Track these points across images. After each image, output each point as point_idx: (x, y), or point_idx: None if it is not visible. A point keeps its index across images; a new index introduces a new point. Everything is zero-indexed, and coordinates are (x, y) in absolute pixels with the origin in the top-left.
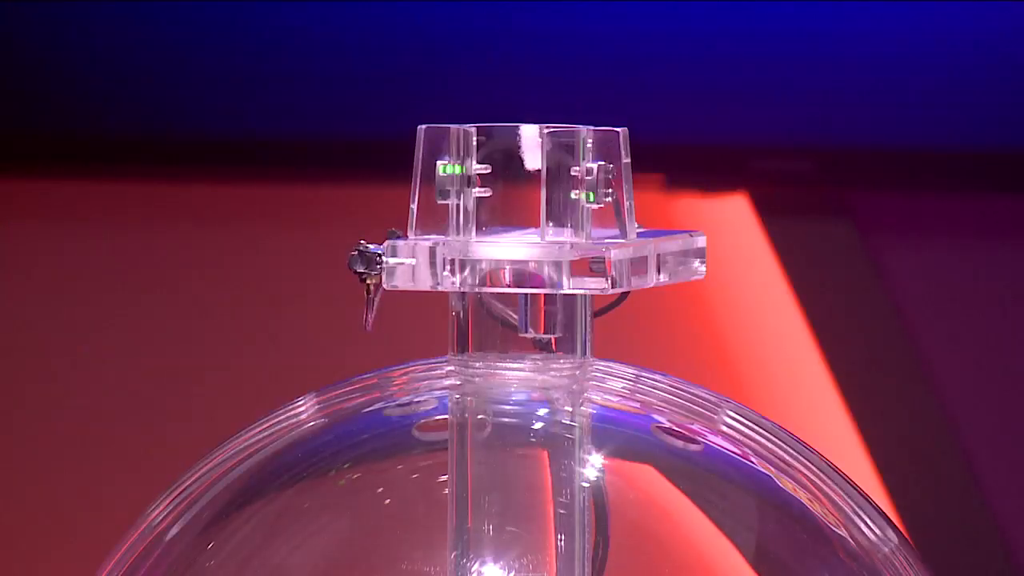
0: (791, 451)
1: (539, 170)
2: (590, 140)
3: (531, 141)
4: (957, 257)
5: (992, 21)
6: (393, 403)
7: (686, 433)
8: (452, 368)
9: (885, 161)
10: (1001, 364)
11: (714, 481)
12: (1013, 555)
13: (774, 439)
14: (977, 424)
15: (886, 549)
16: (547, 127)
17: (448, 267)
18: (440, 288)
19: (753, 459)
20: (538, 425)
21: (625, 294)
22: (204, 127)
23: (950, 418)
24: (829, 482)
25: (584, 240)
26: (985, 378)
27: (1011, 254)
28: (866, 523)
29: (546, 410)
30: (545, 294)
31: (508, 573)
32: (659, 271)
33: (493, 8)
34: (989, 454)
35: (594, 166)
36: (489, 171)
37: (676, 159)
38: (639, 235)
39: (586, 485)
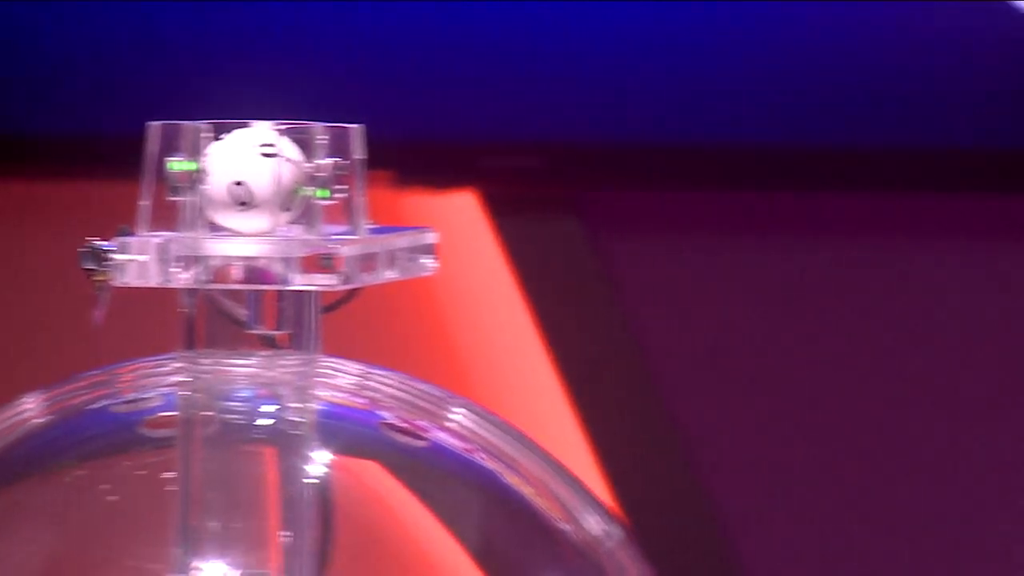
0: (517, 447)
1: None
2: (324, 137)
3: (265, 137)
4: (687, 252)
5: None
6: (120, 400)
7: (413, 429)
8: (181, 365)
9: (612, 160)
10: (719, 358)
11: (439, 477)
12: (738, 552)
13: (500, 435)
14: (698, 420)
15: (609, 544)
16: (281, 123)
17: (178, 263)
18: (170, 284)
19: (479, 455)
20: (264, 422)
21: (355, 290)
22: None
23: (672, 414)
24: (554, 478)
25: (315, 236)
26: (704, 374)
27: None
28: (590, 518)
29: (273, 407)
30: (276, 290)
31: (231, 569)
32: (389, 267)
33: (224, 5)
34: (710, 451)
35: (327, 162)
36: None
37: (408, 156)
38: (370, 231)
39: (312, 481)
